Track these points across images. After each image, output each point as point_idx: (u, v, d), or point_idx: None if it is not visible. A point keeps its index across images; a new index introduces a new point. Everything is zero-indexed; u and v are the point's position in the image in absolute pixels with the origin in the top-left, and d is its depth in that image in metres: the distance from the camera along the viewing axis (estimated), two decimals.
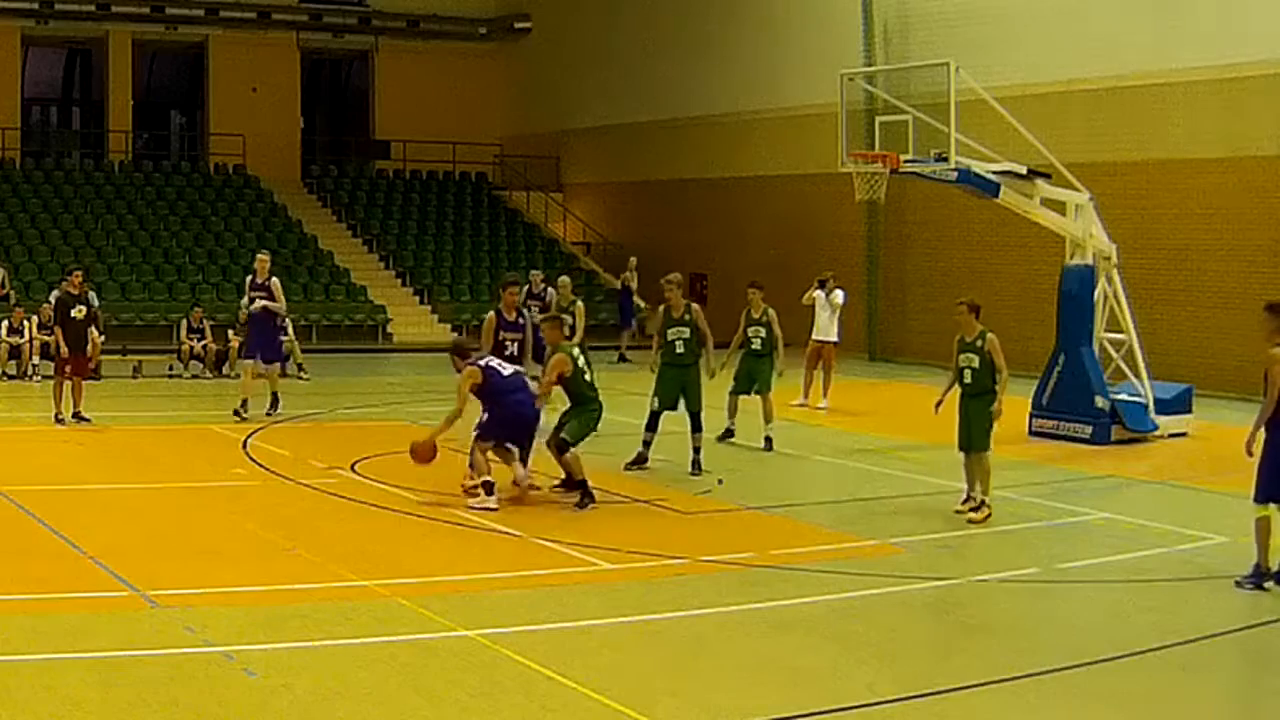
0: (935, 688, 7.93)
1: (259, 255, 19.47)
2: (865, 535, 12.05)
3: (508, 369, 13.10)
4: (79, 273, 18.84)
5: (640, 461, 14.98)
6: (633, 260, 30.41)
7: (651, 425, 15.19)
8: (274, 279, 18.72)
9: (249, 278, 19.24)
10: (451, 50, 39.21)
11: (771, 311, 17.12)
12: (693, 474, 14.67)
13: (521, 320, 14.36)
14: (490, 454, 12.73)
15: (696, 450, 14.95)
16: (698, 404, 15.08)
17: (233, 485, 13.72)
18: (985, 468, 12.66)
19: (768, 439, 16.63)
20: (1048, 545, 12.05)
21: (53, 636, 8.31)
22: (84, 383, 18.07)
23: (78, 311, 18.06)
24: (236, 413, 17.99)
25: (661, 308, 15.57)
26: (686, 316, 15.21)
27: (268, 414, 18.13)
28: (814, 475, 15.91)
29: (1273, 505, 10.16)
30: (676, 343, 15.20)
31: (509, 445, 12.96)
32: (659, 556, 10.97)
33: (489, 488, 12.38)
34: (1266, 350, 10.15)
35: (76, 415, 17.56)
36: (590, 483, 12.91)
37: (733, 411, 17.09)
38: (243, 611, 9.05)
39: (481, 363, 12.93)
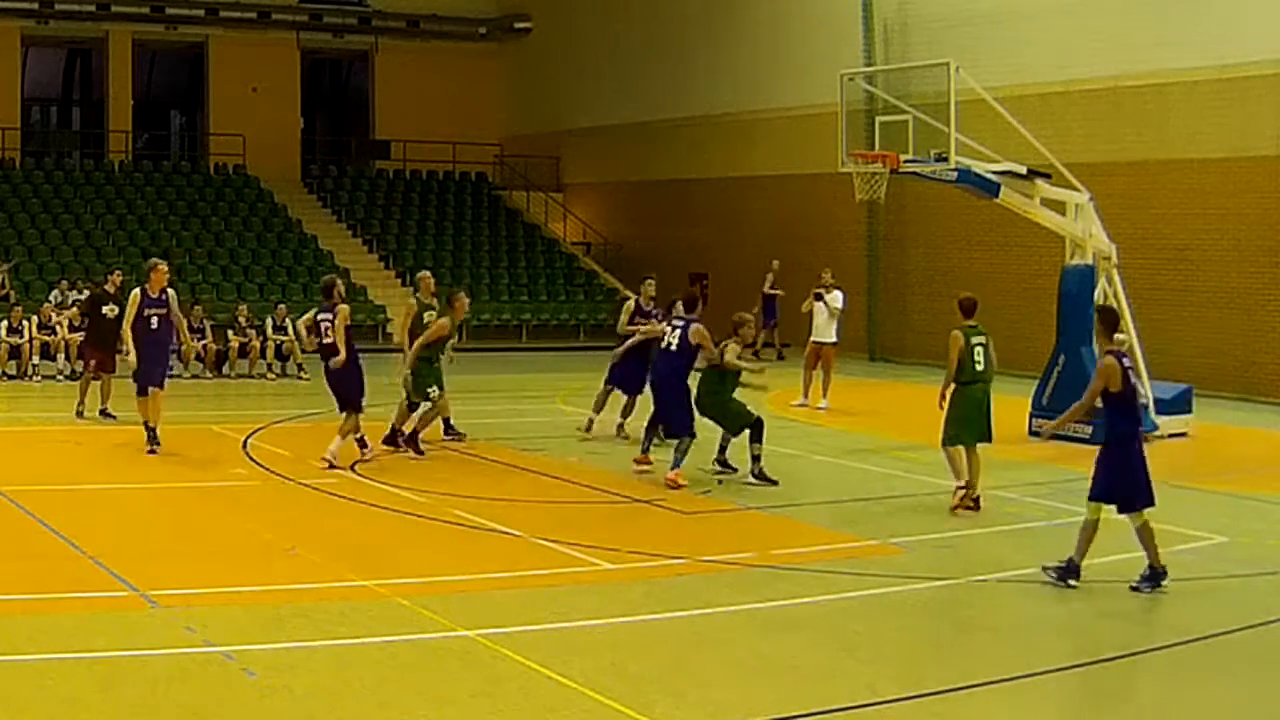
0: (935, 688, 7.93)
1: (158, 264, 15.89)
2: (865, 535, 12.05)
3: None
4: (119, 273, 19.40)
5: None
6: (775, 263, 29.61)
7: None
8: (171, 290, 15.93)
9: (137, 290, 15.66)
10: (451, 50, 39.21)
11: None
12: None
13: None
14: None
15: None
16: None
17: (233, 485, 13.72)
18: (948, 462, 13.01)
19: None
20: (1048, 545, 12.02)
21: (53, 636, 8.30)
22: (111, 380, 18.24)
23: (109, 310, 18.32)
24: (152, 448, 15.28)
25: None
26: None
27: (151, 451, 15.18)
28: (814, 475, 15.90)
29: (1105, 506, 10.20)
30: None
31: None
32: (659, 556, 10.97)
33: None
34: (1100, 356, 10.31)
35: (103, 412, 17.74)
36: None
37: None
38: (243, 611, 9.05)
39: None
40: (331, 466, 14.11)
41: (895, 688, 7.91)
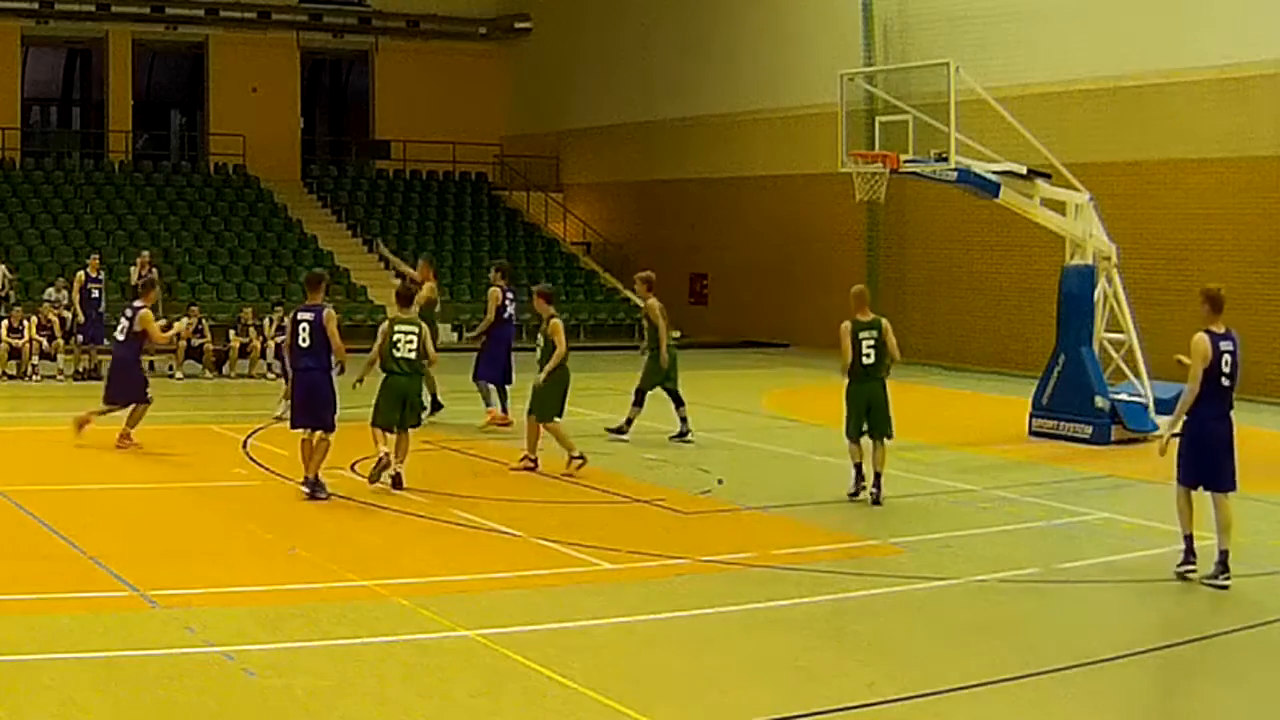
0: (935, 688, 7.92)
1: None
2: (865, 535, 12.05)
3: None
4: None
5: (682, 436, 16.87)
6: None
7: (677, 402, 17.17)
8: None
9: None
10: (451, 50, 39.21)
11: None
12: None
13: None
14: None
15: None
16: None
17: (233, 485, 13.72)
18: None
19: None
20: (1048, 545, 12.05)
21: (53, 636, 8.30)
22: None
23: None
24: None
25: None
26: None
27: None
28: (814, 475, 15.88)
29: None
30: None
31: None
32: (659, 556, 10.97)
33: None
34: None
35: None
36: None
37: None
38: (243, 611, 9.04)
39: None
40: None
41: (895, 688, 7.91)
